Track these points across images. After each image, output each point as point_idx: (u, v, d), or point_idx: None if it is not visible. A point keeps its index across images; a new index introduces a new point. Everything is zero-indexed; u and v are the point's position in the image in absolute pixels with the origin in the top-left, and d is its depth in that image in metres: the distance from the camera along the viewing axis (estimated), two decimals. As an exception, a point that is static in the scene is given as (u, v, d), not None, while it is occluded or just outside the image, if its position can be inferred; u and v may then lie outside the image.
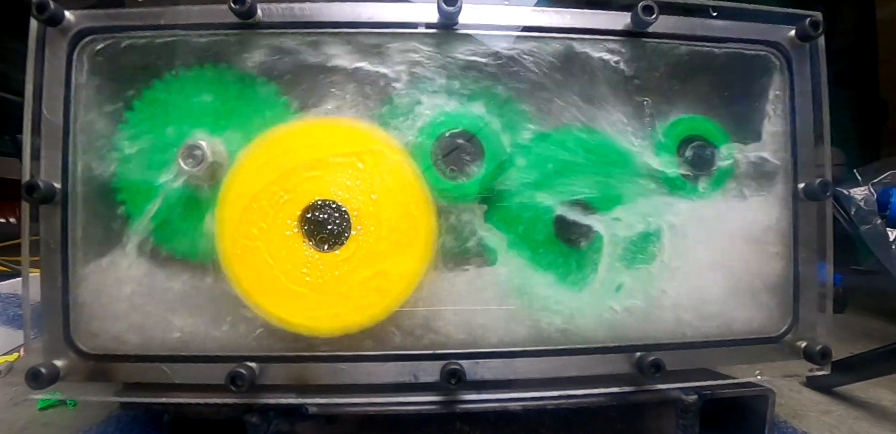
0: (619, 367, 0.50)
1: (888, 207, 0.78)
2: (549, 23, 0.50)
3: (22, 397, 0.62)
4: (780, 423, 0.58)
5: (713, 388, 0.51)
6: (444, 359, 0.47)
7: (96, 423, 0.56)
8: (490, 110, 0.50)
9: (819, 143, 0.54)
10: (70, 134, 0.47)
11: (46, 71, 0.47)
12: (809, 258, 0.53)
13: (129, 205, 0.48)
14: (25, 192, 0.44)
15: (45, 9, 0.45)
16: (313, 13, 0.48)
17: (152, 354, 0.47)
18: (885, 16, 1.46)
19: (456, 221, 0.49)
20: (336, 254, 0.47)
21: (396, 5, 0.49)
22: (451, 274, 0.49)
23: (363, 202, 0.47)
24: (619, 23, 0.51)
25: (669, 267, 0.52)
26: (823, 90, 0.54)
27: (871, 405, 0.65)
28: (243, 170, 0.47)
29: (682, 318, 0.52)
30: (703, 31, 0.52)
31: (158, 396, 0.47)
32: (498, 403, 0.48)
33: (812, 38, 0.53)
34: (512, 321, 0.50)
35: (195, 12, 0.48)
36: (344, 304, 0.47)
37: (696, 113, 0.54)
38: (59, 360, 0.46)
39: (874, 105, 1.48)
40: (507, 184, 0.50)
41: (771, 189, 0.54)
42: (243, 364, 0.45)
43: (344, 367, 0.47)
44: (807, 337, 0.53)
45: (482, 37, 0.50)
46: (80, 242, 0.47)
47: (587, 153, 0.51)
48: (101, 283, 0.47)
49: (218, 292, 0.47)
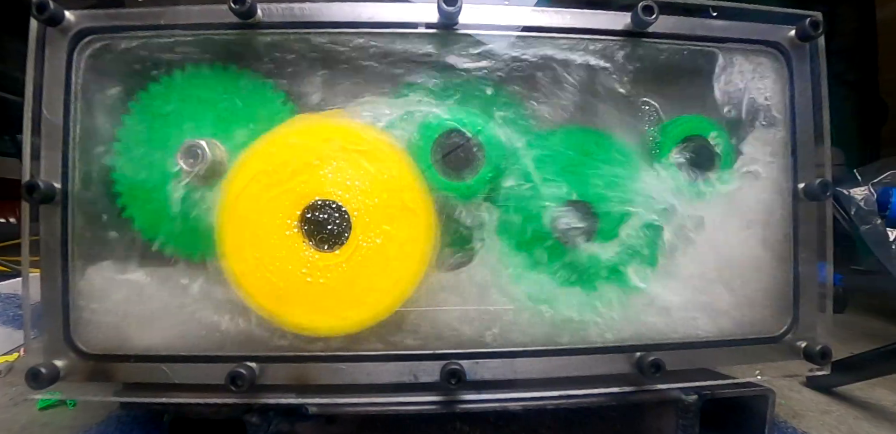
0: (619, 367, 0.50)
1: (888, 207, 0.78)
2: (549, 23, 0.50)
3: (22, 397, 0.62)
4: (780, 423, 0.58)
5: (713, 388, 0.51)
6: (444, 359, 0.47)
7: (96, 423, 0.56)
8: (490, 110, 0.50)
9: (819, 143, 0.54)
10: (70, 134, 0.47)
11: (46, 71, 0.47)
12: (809, 258, 0.53)
13: (129, 205, 0.49)
14: (25, 192, 0.44)
15: (45, 9, 0.45)
16: (313, 13, 0.48)
17: (152, 354, 0.47)
18: (885, 16, 1.46)
19: (456, 221, 0.49)
20: (336, 254, 0.47)
21: (396, 5, 0.48)
22: (452, 274, 0.49)
23: (363, 202, 0.47)
24: (619, 23, 0.51)
25: (669, 267, 0.52)
26: (823, 90, 0.54)
27: (871, 405, 0.65)
28: (243, 170, 0.47)
29: (682, 318, 0.52)
30: (703, 31, 0.52)
31: (158, 396, 0.47)
32: (498, 403, 0.48)
33: (812, 38, 0.53)
34: (512, 321, 0.50)
35: (195, 12, 0.48)
36: (344, 303, 0.47)
37: (696, 113, 0.54)
38: (59, 360, 0.46)
39: (874, 105, 1.48)
40: (508, 184, 0.50)
41: (771, 189, 0.54)
42: (243, 364, 0.45)
43: (344, 367, 0.47)
44: (807, 337, 0.53)
45: (482, 37, 0.50)
46: (79, 242, 0.47)
47: (587, 153, 0.51)
48: (101, 282, 0.47)
49: (218, 292, 0.47)
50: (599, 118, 0.52)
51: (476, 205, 0.50)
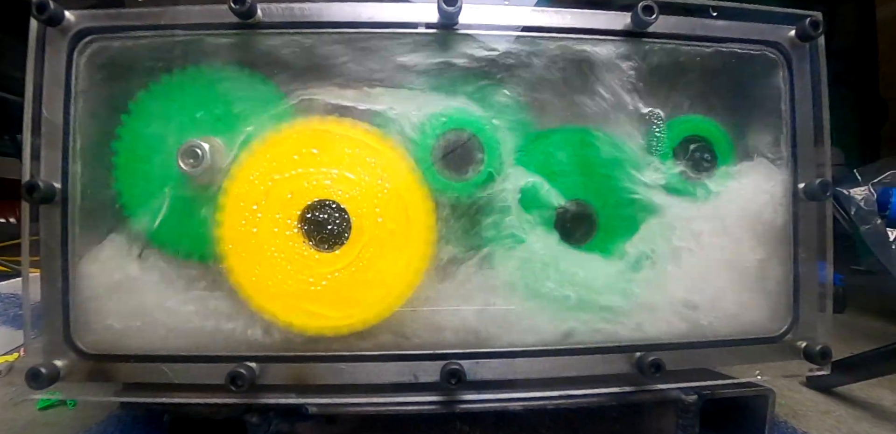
0: (619, 367, 0.50)
1: (888, 207, 0.78)
2: (549, 23, 0.50)
3: (22, 397, 0.62)
4: (780, 423, 0.58)
5: (713, 388, 0.51)
6: (444, 359, 0.47)
7: (96, 423, 0.56)
8: (490, 110, 0.50)
9: (819, 143, 0.54)
10: (70, 134, 0.47)
11: (46, 71, 0.47)
12: (809, 258, 0.53)
13: (129, 205, 0.48)
14: (25, 192, 0.44)
15: (45, 9, 0.45)
16: (313, 13, 0.48)
17: (152, 354, 0.47)
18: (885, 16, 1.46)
19: (456, 221, 0.49)
20: (336, 254, 0.47)
21: (396, 5, 0.48)
22: (452, 273, 0.49)
23: (363, 202, 0.47)
24: (619, 23, 0.51)
25: (669, 267, 0.52)
26: (823, 90, 0.54)
27: (871, 405, 0.65)
28: (244, 170, 0.47)
29: (682, 318, 0.52)
30: (703, 31, 0.52)
31: (158, 396, 0.47)
32: (498, 403, 0.48)
33: (812, 38, 0.53)
34: (512, 321, 0.50)
35: (195, 12, 0.48)
36: (344, 303, 0.47)
37: (696, 113, 0.54)
38: (59, 360, 0.46)
39: (874, 105, 1.48)
40: (508, 184, 0.50)
41: (771, 189, 0.54)
42: (243, 364, 0.45)
43: (344, 367, 0.47)
44: (807, 337, 0.53)
45: (482, 37, 0.50)
46: (79, 242, 0.47)
47: (587, 153, 0.51)
48: (101, 283, 0.47)
49: (218, 292, 0.47)
50: (599, 118, 0.52)
51: (476, 204, 0.50)
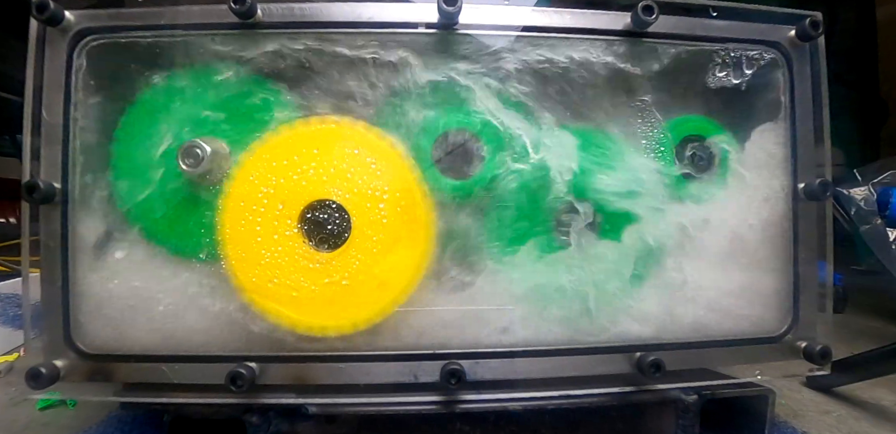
0: (619, 367, 0.50)
1: (888, 207, 0.78)
2: (549, 23, 0.50)
3: (22, 397, 0.62)
4: (780, 423, 0.58)
5: (713, 388, 0.51)
6: (444, 359, 0.47)
7: (96, 423, 0.56)
8: (490, 110, 0.50)
9: (819, 143, 0.54)
10: (70, 134, 0.47)
11: (46, 71, 0.47)
12: (809, 258, 0.53)
13: (129, 204, 0.48)
14: (25, 192, 0.45)
15: (45, 9, 0.45)
16: (313, 13, 0.48)
17: (152, 354, 0.47)
18: (885, 16, 1.46)
19: (456, 221, 0.49)
20: (336, 254, 0.47)
21: (396, 5, 0.48)
22: (452, 273, 0.49)
23: (363, 202, 0.47)
24: (619, 23, 0.51)
25: (669, 268, 0.52)
26: (823, 90, 0.54)
27: (871, 405, 0.65)
28: (244, 170, 0.47)
29: (683, 318, 0.52)
30: (703, 31, 0.52)
31: (158, 396, 0.47)
32: (498, 403, 0.48)
33: (812, 38, 0.53)
34: (512, 321, 0.50)
35: (195, 12, 0.48)
36: (344, 303, 0.47)
37: (696, 113, 0.54)
38: (59, 360, 0.46)
39: (874, 105, 1.48)
40: (508, 184, 0.50)
41: (771, 189, 0.54)
42: (243, 364, 0.45)
43: (344, 367, 0.47)
44: (807, 337, 0.53)
45: (482, 37, 0.50)
46: (79, 242, 0.47)
47: (587, 153, 0.51)
48: (101, 283, 0.47)
49: (218, 292, 0.47)
50: (599, 117, 0.52)
51: (476, 204, 0.50)
